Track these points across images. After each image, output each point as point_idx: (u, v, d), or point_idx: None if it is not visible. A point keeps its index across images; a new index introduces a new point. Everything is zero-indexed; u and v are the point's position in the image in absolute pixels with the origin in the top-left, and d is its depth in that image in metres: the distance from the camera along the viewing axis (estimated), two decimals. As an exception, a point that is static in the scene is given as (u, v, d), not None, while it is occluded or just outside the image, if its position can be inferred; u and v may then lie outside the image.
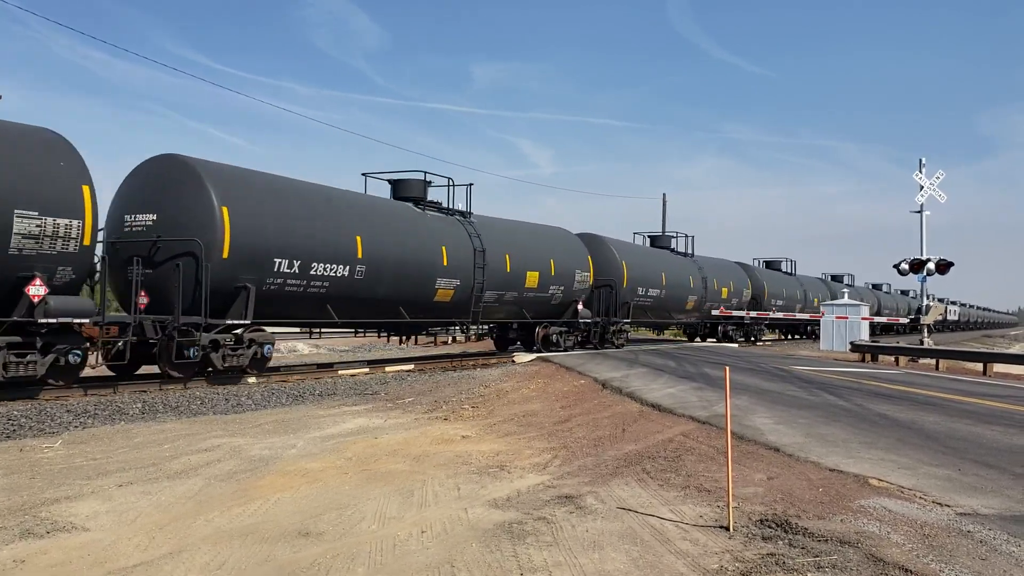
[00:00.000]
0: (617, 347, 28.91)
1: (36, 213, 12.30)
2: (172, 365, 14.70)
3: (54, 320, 12.46)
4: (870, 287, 67.19)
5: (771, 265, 47.60)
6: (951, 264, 29.33)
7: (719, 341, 38.71)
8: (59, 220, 12.58)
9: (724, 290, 38.19)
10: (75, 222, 12.78)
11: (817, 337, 41.36)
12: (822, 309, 39.12)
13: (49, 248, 12.47)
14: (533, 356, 23.03)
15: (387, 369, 19.96)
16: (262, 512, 6.53)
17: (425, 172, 21.94)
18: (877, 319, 45.58)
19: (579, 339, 27.43)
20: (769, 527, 6.04)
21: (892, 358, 27.22)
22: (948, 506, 6.64)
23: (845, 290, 46.86)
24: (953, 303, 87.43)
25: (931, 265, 29.11)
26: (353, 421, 11.76)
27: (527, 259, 24.11)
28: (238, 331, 15.75)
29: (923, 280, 30.54)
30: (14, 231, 12.03)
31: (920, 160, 30.22)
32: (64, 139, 13.28)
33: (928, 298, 33.25)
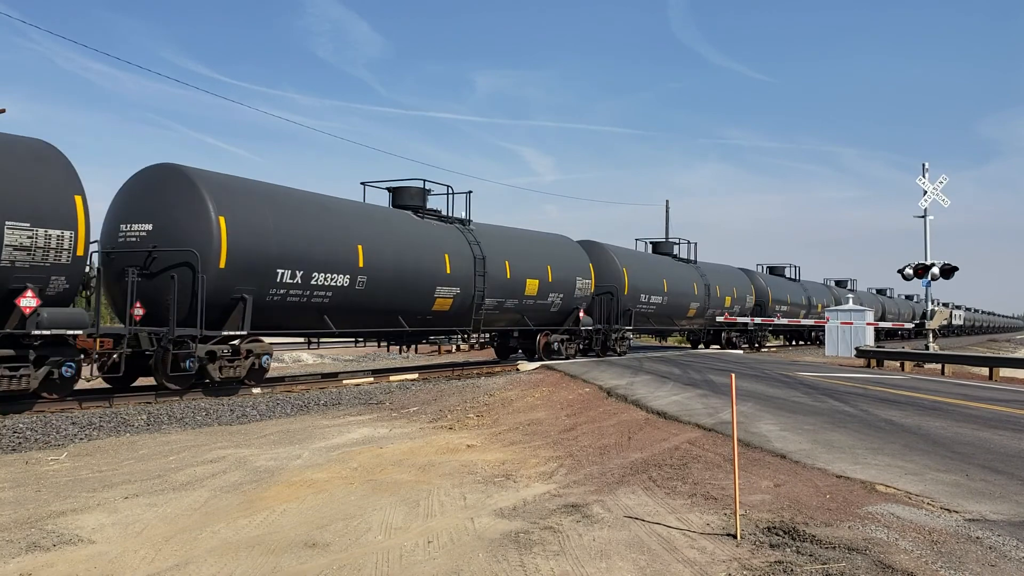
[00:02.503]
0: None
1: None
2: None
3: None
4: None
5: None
6: (956, 268, 29.28)
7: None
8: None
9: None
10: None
11: (822, 343, 41.34)
12: (827, 315, 39.07)
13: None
14: (537, 364, 23.01)
15: (391, 378, 19.96)
16: (268, 523, 6.52)
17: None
18: (882, 324, 45.54)
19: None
20: (776, 534, 6.01)
21: (897, 363, 27.15)
22: (956, 512, 6.61)
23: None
24: (958, 307, 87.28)
25: (935, 270, 29.06)
26: (358, 431, 11.75)
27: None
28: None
29: (927, 285, 30.48)
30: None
31: (923, 165, 30.22)
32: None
33: (932, 303, 33.17)
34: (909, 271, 29.56)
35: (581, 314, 26.60)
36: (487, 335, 25.81)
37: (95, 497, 7.41)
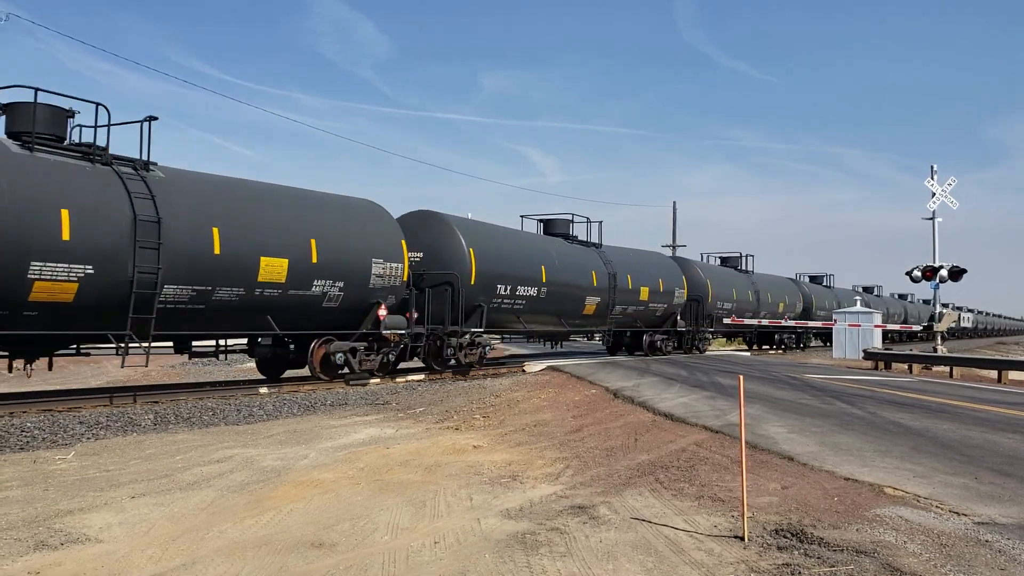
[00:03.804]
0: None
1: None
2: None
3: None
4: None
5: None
6: (964, 271, 29.18)
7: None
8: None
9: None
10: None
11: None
12: (834, 317, 39.00)
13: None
14: (544, 365, 23.00)
15: (398, 379, 19.96)
16: (275, 523, 6.52)
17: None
18: (891, 326, 45.64)
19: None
20: (784, 537, 5.99)
21: (905, 366, 27.05)
22: (965, 515, 6.58)
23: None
24: (964, 309, 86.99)
25: (944, 272, 28.96)
26: (365, 431, 11.76)
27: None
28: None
29: (936, 287, 30.38)
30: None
31: (932, 167, 30.13)
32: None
33: (940, 305, 33.03)
34: (917, 273, 29.47)
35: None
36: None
37: (102, 496, 7.43)
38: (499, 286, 21.83)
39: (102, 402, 13.77)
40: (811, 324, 44.46)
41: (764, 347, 44.88)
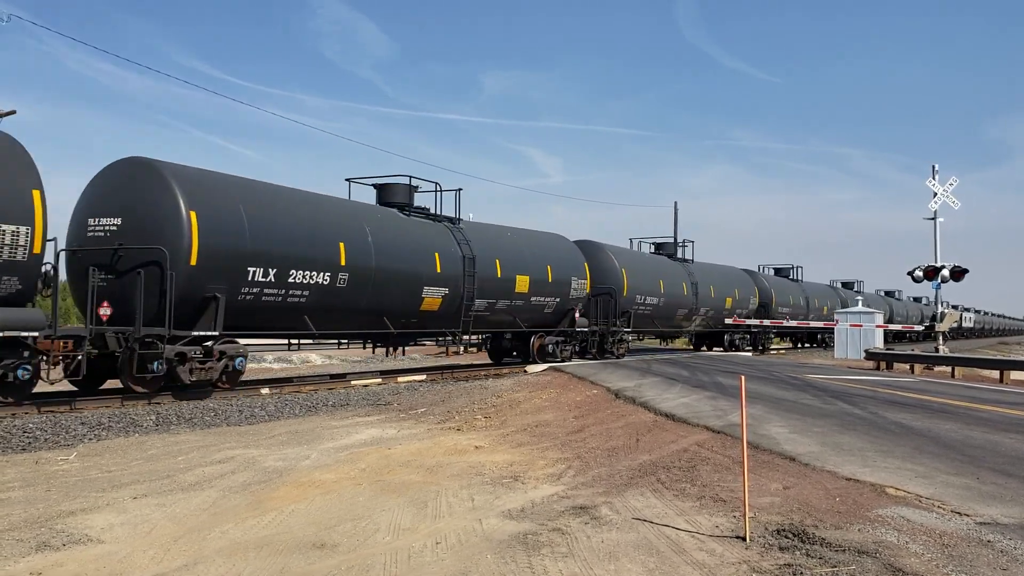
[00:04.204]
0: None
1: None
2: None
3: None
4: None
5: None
6: (966, 271, 29.15)
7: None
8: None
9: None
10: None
11: (828, 346, 41.90)
12: (836, 317, 38.96)
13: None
14: (545, 366, 23.00)
15: (399, 380, 19.97)
16: (276, 523, 6.53)
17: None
18: (891, 327, 45.45)
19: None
20: (786, 537, 5.99)
21: (907, 366, 27.03)
22: (967, 515, 6.57)
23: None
24: (968, 310, 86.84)
25: (945, 272, 28.94)
26: (366, 431, 11.76)
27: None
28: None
29: (937, 287, 30.37)
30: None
31: (933, 167, 30.12)
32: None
33: (942, 305, 33.02)
34: (919, 273, 29.45)
35: (577, 315, 25.85)
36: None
37: (104, 497, 7.43)
38: (252, 269, 15.28)
39: (104, 403, 13.77)
40: (768, 323, 40.27)
41: (713, 347, 40.04)
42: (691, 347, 41.81)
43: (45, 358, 12.61)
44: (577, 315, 25.64)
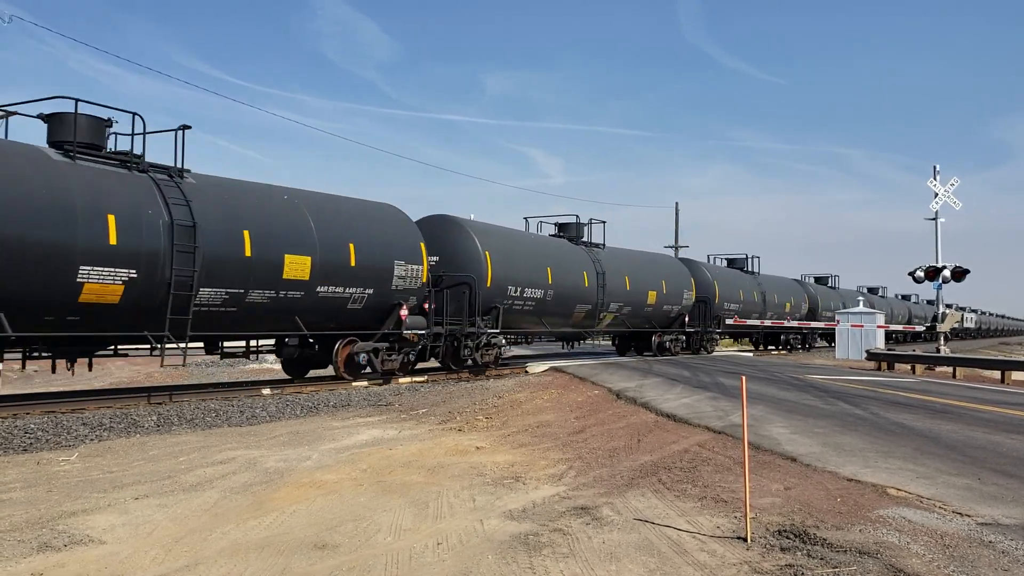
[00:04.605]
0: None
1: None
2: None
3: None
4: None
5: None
6: (967, 271, 29.15)
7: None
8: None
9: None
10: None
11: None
12: (837, 317, 38.95)
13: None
14: (547, 366, 23.00)
15: (400, 380, 19.97)
16: (278, 524, 6.53)
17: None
18: (893, 327, 45.50)
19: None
20: (787, 538, 5.99)
21: (908, 366, 27.02)
22: (968, 516, 6.57)
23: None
24: (970, 310, 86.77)
25: (947, 272, 28.94)
26: (367, 432, 11.76)
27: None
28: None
29: (939, 287, 30.37)
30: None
31: (934, 167, 30.17)
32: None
33: (943, 305, 33.00)
34: (920, 273, 29.46)
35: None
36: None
37: (106, 498, 7.44)
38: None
39: (106, 403, 13.79)
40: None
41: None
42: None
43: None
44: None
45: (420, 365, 21.36)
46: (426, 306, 20.23)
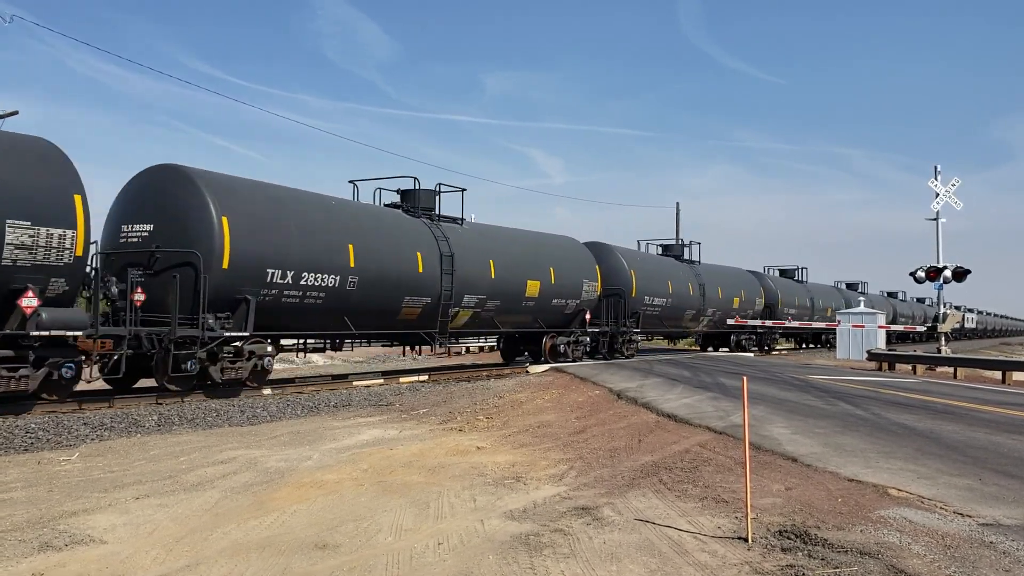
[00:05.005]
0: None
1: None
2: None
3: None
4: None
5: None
6: (968, 272, 29.12)
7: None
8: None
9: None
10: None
11: (831, 346, 41.85)
12: (838, 318, 38.92)
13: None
14: (547, 367, 23.00)
15: (401, 380, 19.97)
16: (279, 524, 6.53)
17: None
18: (894, 327, 45.44)
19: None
20: (788, 538, 5.98)
21: (909, 367, 27.00)
22: (970, 516, 6.56)
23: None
24: (970, 310, 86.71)
25: (948, 273, 28.91)
26: (368, 432, 11.76)
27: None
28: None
29: (940, 288, 30.33)
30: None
31: (935, 167, 30.10)
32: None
33: (944, 306, 32.98)
34: (921, 274, 29.41)
35: (587, 316, 26.28)
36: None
37: (107, 497, 7.44)
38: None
39: (106, 403, 13.78)
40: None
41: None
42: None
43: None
44: (588, 316, 26.68)
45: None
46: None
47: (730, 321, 37.12)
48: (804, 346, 50.03)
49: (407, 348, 23.94)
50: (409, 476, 8.49)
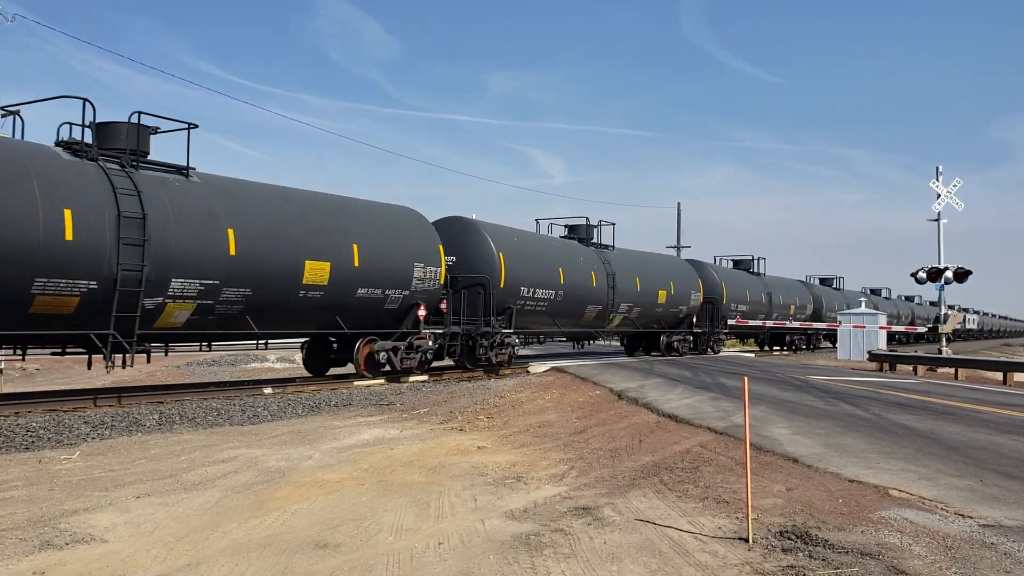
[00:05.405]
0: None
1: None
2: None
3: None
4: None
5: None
6: (970, 272, 29.11)
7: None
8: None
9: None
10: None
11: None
12: (839, 318, 38.92)
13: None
14: (548, 366, 22.99)
15: (402, 380, 19.97)
16: (279, 523, 6.53)
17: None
18: (896, 328, 45.51)
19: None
20: (789, 539, 5.98)
21: (910, 367, 26.99)
22: (970, 517, 6.56)
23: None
24: (972, 311, 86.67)
25: (949, 273, 28.90)
26: (369, 432, 11.77)
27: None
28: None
29: (941, 288, 30.31)
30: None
31: (937, 168, 30.08)
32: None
33: (945, 306, 32.96)
34: (922, 275, 29.40)
35: (694, 319, 32.71)
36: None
37: (107, 496, 7.44)
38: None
39: (108, 402, 13.80)
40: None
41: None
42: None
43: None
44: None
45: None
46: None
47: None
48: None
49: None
50: (410, 476, 8.49)
